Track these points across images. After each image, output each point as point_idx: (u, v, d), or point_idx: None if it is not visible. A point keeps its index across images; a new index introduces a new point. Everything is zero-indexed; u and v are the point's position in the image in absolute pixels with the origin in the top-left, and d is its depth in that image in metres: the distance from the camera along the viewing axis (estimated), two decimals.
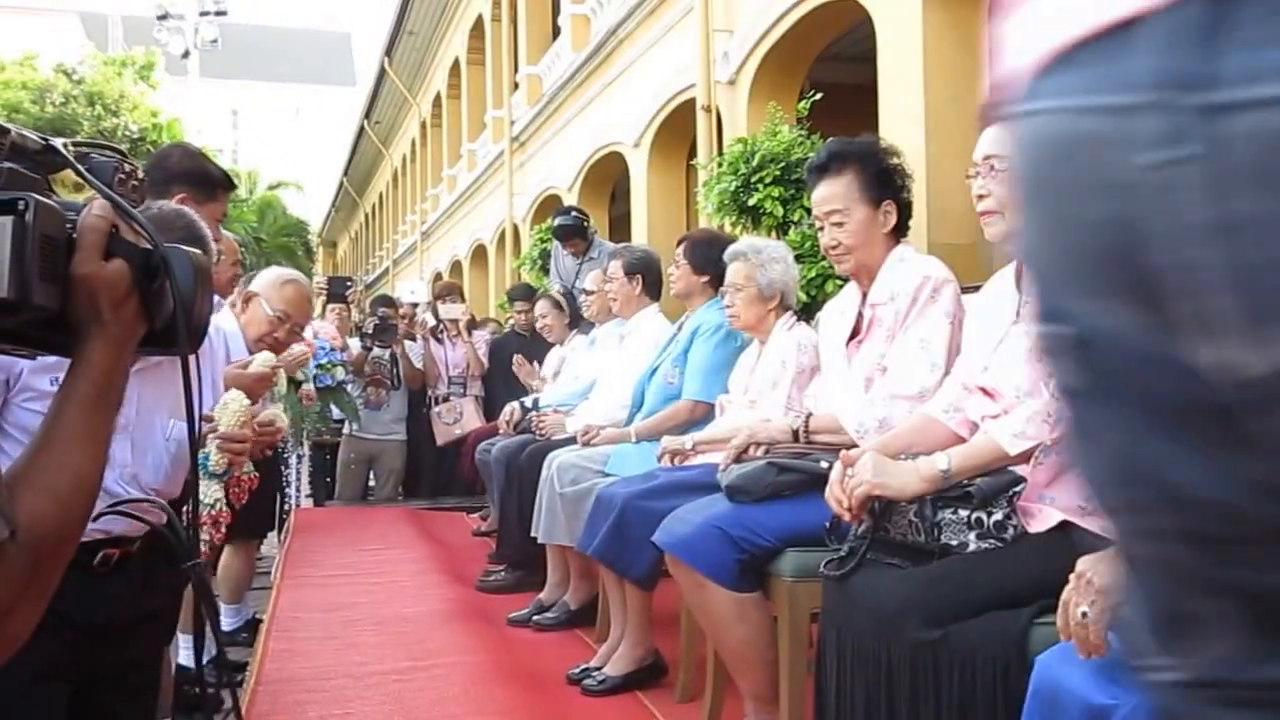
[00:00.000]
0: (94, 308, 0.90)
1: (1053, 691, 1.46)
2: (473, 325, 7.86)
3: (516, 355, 6.45)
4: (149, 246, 0.94)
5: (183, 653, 3.84)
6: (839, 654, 1.98)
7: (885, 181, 2.69)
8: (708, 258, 3.73)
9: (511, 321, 7.74)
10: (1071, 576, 1.43)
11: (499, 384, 7.16)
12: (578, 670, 3.33)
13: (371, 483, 7.63)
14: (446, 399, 7.29)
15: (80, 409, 0.91)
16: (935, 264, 2.65)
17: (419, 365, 7.35)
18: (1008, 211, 2.03)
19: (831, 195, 2.67)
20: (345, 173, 30.45)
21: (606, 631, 3.51)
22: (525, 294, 7.40)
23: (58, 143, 0.93)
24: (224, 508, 2.42)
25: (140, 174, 1.03)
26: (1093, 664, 1.40)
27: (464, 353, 7.50)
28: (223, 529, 2.45)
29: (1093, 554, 1.43)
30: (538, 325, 6.05)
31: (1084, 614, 1.36)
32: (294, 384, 5.03)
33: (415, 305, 7.87)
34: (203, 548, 2.31)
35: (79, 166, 0.94)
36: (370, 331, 7.06)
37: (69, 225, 0.90)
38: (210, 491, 2.38)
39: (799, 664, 2.47)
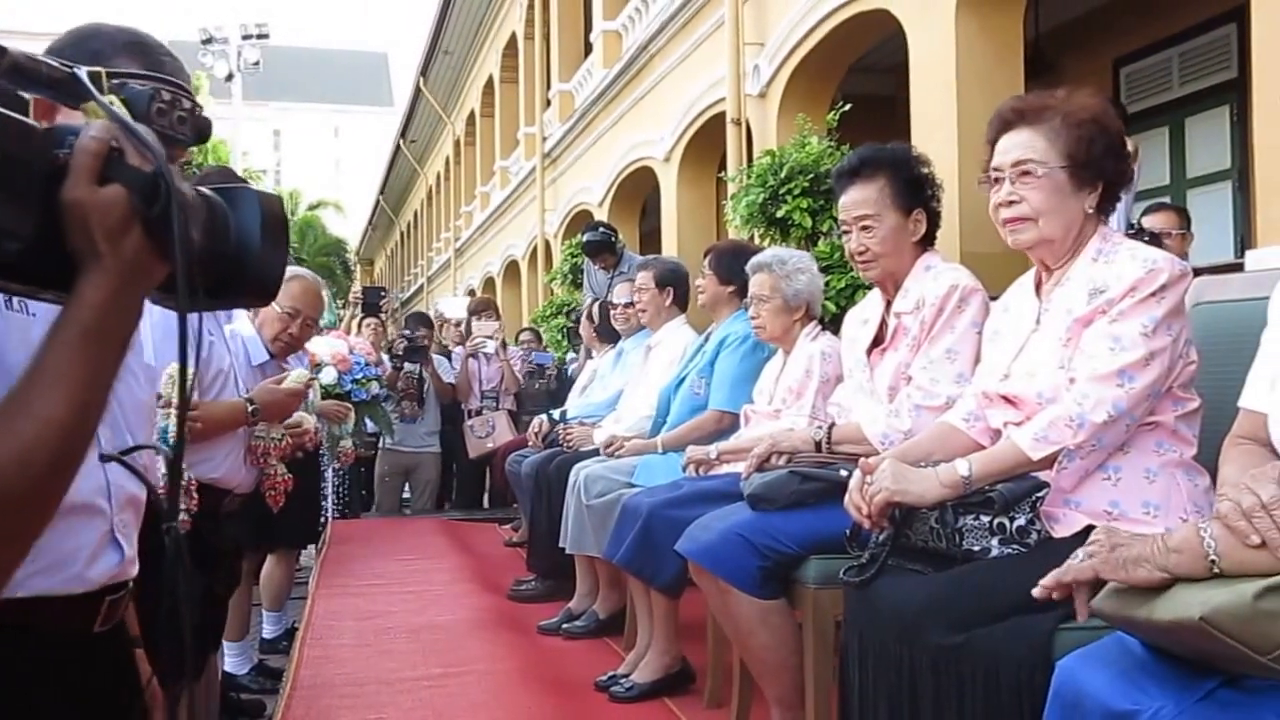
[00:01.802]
0: (87, 238, 0.82)
1: (1074, 695, 1.45)
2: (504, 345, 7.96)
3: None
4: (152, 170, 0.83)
5: (229, 660, 3.92)
6: (861, 660, 1.98)
7: (916, 190, 2.69)
8: (733, 268, 3.75)
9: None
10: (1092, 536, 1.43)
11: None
12: (606, 677, 3.36)
13: (406, 494, 7.73)
14: (479, 413, 7.36)
15: (64, 348, 0.82)
16: (963, 273, 2.63)
17: (448, 380, 7.45)
18: (1043, 218, 2.01)
19: (862, 200, 2.67)
20: (381, 191, 30.86)
21: (635, 640, 3.54)
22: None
23: (82, 72, 0.86)
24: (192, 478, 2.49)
25: (189, 105, 0.94)
26: (1115, 668, 1.39)
27: (498, 368, 7.57)
28: (194, 495, 2.49)
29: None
30: (582, 329, 6.10)
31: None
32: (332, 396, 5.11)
33: (458, 322, 8.04)
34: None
35: (95, 92, 0.86)
36: (400, 353, 7.19)
37: (62, 150, 0.82)
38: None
39: (824, 670, 2.48)
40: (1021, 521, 1.92)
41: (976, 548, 1.92)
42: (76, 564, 1.28)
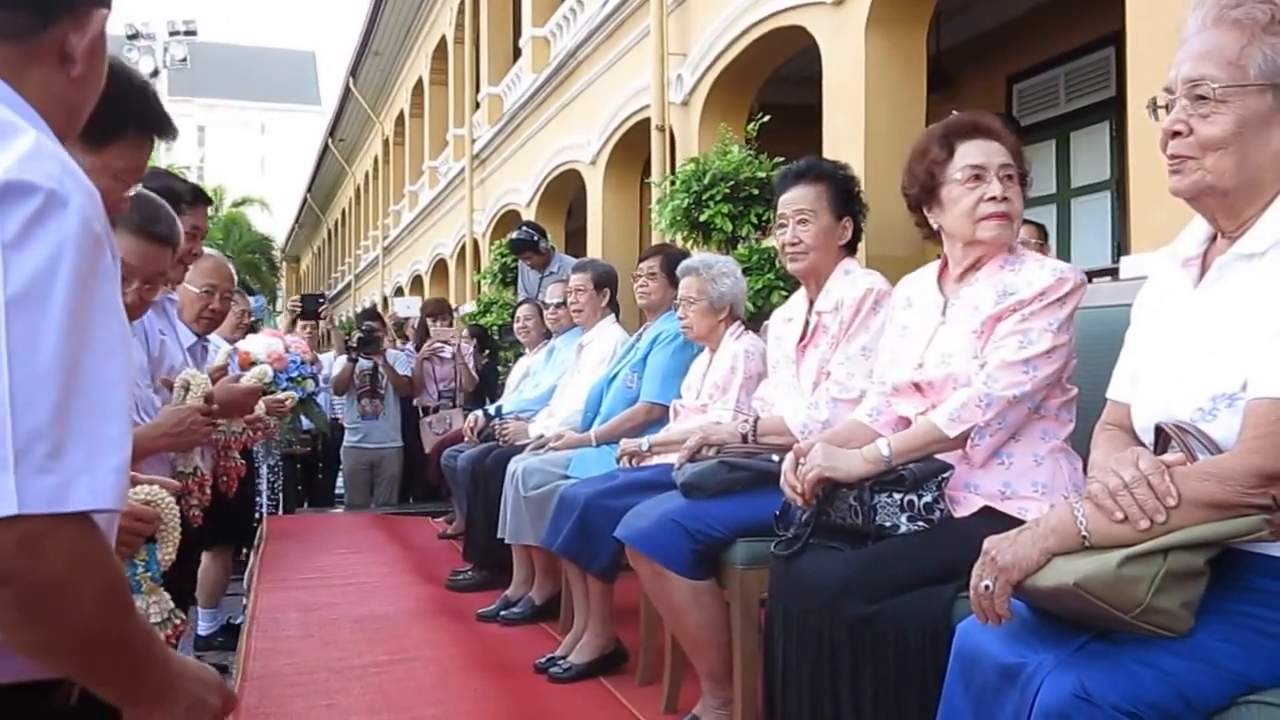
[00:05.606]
0: None
1: (971, 654, 1.64)
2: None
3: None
4: None
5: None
6: (785, 629, 2.16)
7: (848, 200, 2.98)
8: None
9: None
10: (982, 555, 1.62)
11: None
12: (544, 659, 3.50)
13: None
14: (436, 410, 7.43)
15: None
16: (877, 277, 2.88)
17: (403, 373, 7.52)
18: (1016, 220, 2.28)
19: (804, 197, 2.94)
20: (309, 189, 30.42)
21: (570, 624, 3.68)
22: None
23: None
24: (204, 472, 2.62)
25: None
26: (1004, 629, 1.57)
27: (452, 366, 7.63)
28: (207, 491, 2.63)
29: (999, 535, 1.60)
30: (516, 328, 6.18)
31: (986, 587, 1.54)
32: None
33: (407, 320, 8.15)
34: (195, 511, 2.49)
35: None
36: (354, 345, 7.25)
37: None
38: (193, 460, 2.59)
39: (750, 644, 2.65)
40: (928, 499, 2.11)
41: (888, 523, 2.12)
42: None
